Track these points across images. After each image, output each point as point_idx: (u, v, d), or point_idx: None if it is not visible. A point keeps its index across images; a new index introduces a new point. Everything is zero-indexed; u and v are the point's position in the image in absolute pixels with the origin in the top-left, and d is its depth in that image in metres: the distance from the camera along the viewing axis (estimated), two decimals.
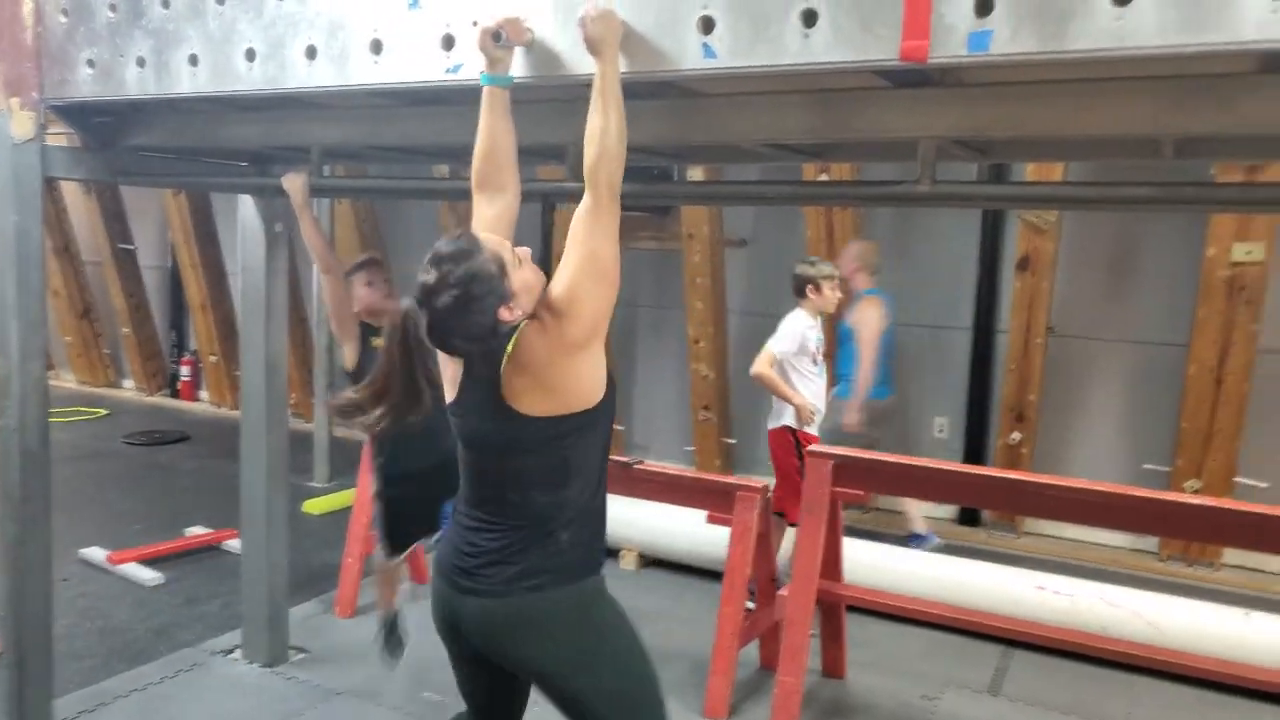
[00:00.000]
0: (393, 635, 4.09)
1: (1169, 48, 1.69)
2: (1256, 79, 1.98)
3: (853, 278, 5.45)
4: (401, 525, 3.88)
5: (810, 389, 4.87)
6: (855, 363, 5.32)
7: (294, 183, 3.46)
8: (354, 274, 3.88)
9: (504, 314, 2.06)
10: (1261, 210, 4.80)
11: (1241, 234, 5.34)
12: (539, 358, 2.10)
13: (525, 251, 2.17)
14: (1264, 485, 5.61)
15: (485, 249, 2.07)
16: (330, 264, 3.76)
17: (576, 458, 2.19)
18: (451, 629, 2.27)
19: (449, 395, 2.26)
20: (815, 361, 4.91)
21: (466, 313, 2.03)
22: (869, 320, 5.33)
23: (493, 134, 2.29)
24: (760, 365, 4.81)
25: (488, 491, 2.23)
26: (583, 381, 2.13)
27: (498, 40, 2.21)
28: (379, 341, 3.93)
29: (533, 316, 2.12)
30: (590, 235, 2.06)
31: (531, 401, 2.11)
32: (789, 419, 4.86)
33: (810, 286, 4.89)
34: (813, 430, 4.86)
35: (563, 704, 2.23)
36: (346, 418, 2.24)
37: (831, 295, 4.94)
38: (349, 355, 3.81)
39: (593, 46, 2.07)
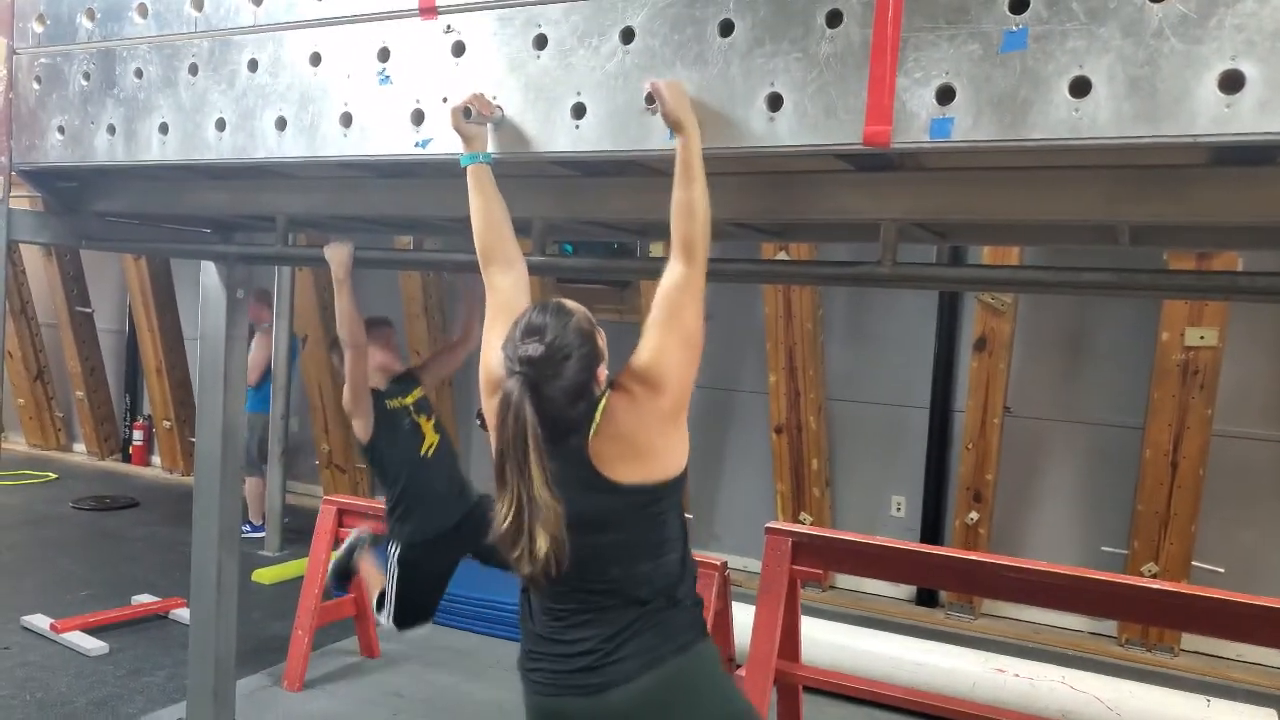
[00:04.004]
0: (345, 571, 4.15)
1: (1124, 139, 1.73)
2: (1209, 171, 2.03)
3: (256, 318, 6.52)
4: (418, 591, 3.74)
5: None
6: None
7: (338, 254, 3.30)
8: (372, 336, 3.71)
9: (601, 372, 2.09)
10: (1215, 297, 4.89)
11: (1194, 319, 5.43)
12: (629, 430, 2.08)
13: None
14: (1221, 570, 5.66)
15: (576, 309, 2.10)
16: (361, 339, 3.57)
17: (671, 522, 2.16)
18: None
19: None
20: None
21: (573, 371, 2.02)
22: (253, 350, 6.72)
23: (488, 209, 2.29)
24: None
25: (582, 577, 2.07)
26: (673, 446, 2.14)
27: (468, 116, 2.23)
28: (398, 402, 3.88)
29: (616, 387, 2.11)
30: (685, 308, 2.06)
31: (626, 470, 2.08)
32: None
33: None
34: None
35: None
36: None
37: None
38: (361, 428, 3.72)
39: (672, 120, 2.01)
